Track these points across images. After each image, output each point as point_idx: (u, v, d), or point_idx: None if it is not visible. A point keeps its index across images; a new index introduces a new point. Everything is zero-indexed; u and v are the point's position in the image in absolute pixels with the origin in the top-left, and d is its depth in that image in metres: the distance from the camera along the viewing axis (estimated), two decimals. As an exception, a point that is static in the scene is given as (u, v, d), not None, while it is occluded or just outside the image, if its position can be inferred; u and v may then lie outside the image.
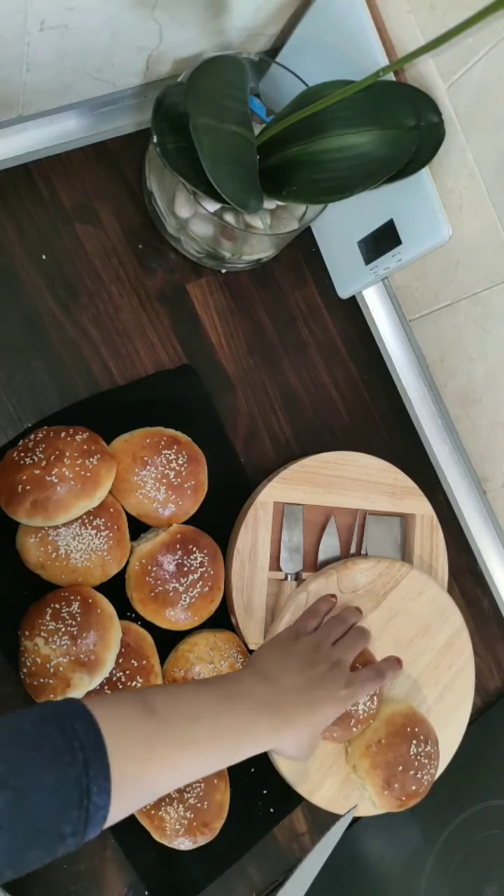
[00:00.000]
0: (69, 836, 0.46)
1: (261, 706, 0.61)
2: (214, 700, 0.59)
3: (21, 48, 0.65)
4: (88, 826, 0.47)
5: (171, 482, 0.73)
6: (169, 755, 0.53)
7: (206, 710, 0.57)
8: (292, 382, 0.87)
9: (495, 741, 0.90)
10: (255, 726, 0.60)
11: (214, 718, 0.57)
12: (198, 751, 0.55)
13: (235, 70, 0.70)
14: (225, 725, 0.58)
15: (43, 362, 0.76)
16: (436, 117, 0.70)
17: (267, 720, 0.61)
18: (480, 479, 0.93)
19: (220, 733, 0.57)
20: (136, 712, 0.53)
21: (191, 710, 0.56)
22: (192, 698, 0.58)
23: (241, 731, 0.59)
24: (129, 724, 0.52)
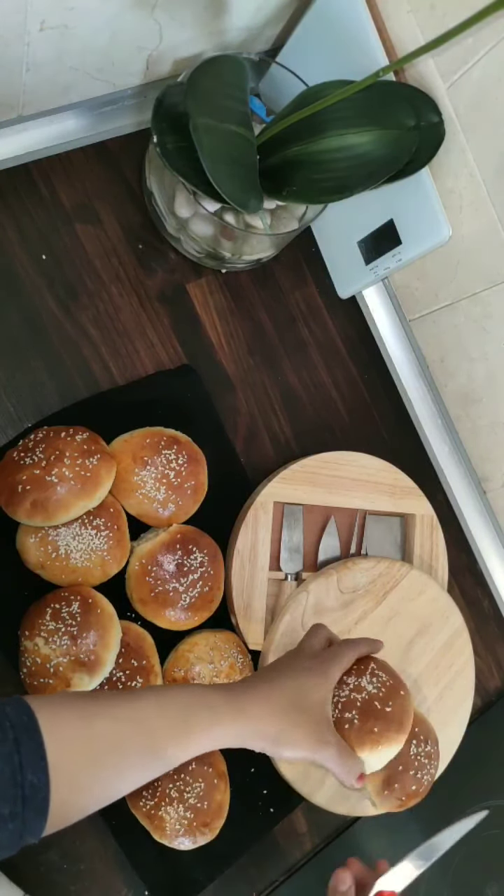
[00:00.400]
0: (9, 820, 0.44)
1: (219, 693, 0.58)
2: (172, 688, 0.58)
3: (21, 48, 0.65)
4: (27, 807, 0.45)
5: (171, 482, 0.73)
6: (114, 727, 0.51)
7: (156, 690, 0.57)
8: (292, 382, 0.87)
9: (495, 741, 0.90)
10: (214, 708, 0.56)
11: (161, 695, 0.55)
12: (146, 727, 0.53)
13: (235, 70, 0.70)
14: (173, 700, 0.55)
15: (43, 362, 0.76)
16: (436, 117, 0.70)
17: (225, 700, 0.57)
18: (480, 479, 0.93)
19: (167, 713, 0.54)
20: (76, 698, 0.52)
21: (126, 703, 0.54)
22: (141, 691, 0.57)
23: (193, 711, 0.55)
24: (65, 706, 0.50)
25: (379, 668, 0.70)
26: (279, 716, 0.59)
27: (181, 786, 0.70)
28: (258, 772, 0.77)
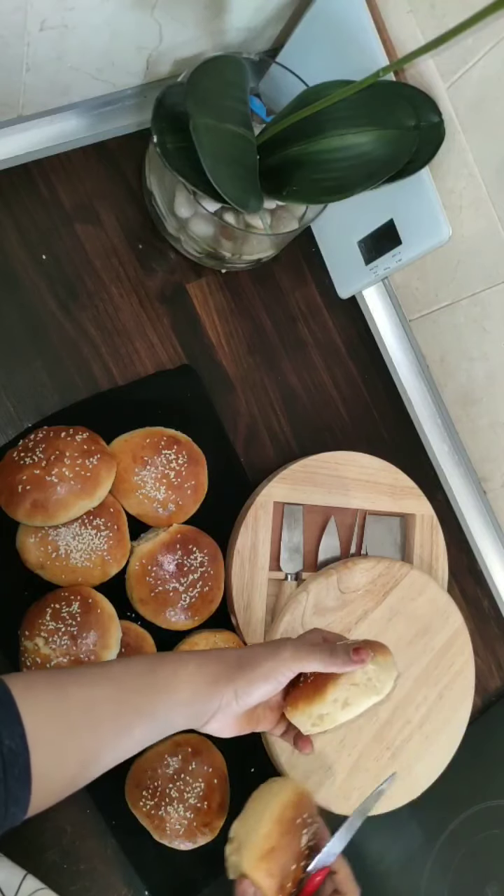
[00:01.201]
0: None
1: (184, 660, 0.57)
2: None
3: (21, 48, 0.65)
4: (7, 773, 0.44)
5: (171, 482, 0.73)
6: (85, 690, 0.51)
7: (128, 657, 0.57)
8: (292, 382, 0.87)
9: (495, 741, 0.90)
10: (179, 657, 0.56)
11: (126, 664, 0.55)
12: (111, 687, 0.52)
13: (235, 70, 0.70)
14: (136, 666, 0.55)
15: (43, 362, 0.76)
16: (436, 117, 0.70)
17: (186, 668, 0.56)
18: (480, 479, 0.93)
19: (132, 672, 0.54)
20: (49, 671, 0.53)
21: (95, 667, 0.55)
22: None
23: (159, 662, 0.55)
24: (38, 678, 0.51)
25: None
26: (241, 650, 0.59)
27: (181, 786, 0.70)
28: (258, 772, 0.77)
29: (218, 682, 0.56)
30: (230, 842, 0.66)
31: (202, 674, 0.56)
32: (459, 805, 0.87)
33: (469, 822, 0.87)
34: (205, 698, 0.56)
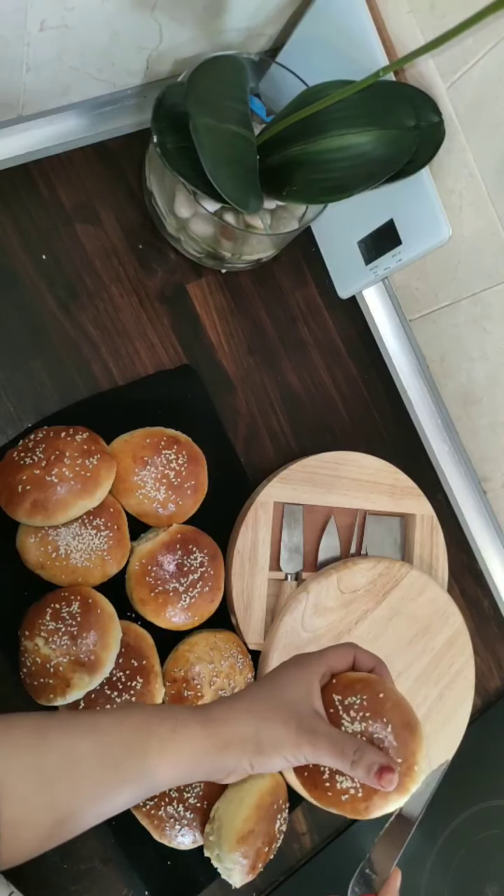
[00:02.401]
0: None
1: (184, 707, 0.52)
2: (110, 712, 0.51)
3: (21, 48, 0.65)
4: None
5: (171, 482, 0.73)
6: (67, 740, 0.47)
7: (120, 706, 0.51)
8: (292, 382, 0.87)
9: (495, 741, 0.90)
10: (177, 718, 0.50)
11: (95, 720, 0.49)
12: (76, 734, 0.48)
13: (235, 70, 0.70)
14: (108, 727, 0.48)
15: (43, 362, 0.76)
16: (436, 117, 0.70)
17: (191, 711, 0.50)
18: (480, 479, 0.93)
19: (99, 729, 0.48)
20: (34, 714, 0.49)
21: (83, 716, 0.50)
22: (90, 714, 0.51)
23: (154, 722, 0.49)
24: (21, 719, 0.47)
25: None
26: (252, 713, 0.52)
27: (181, 785, 0.70)
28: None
29: (228, 748, 0.50)
30: (210, 822, 0.69)
31: (207, 738, 0.50)
32: (459, 805, 0.87)
33: (469, 822, 0.87)
34: (209, 766, 0.50)
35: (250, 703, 0.53)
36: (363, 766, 0.51)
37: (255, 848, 0.69)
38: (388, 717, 0.55)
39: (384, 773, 0.51)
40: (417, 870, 0.84)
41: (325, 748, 0.51)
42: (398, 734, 0.55)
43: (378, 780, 0.51)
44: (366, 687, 0.57)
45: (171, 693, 0.72)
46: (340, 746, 0.52)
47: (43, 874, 0.69)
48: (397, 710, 0.56)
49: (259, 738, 0.51)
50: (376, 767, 0.51)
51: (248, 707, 0.52)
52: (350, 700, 0.56)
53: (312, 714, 0.53)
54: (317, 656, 0.58)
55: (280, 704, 0.53)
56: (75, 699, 0.67)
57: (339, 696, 0.57)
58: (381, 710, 0.56)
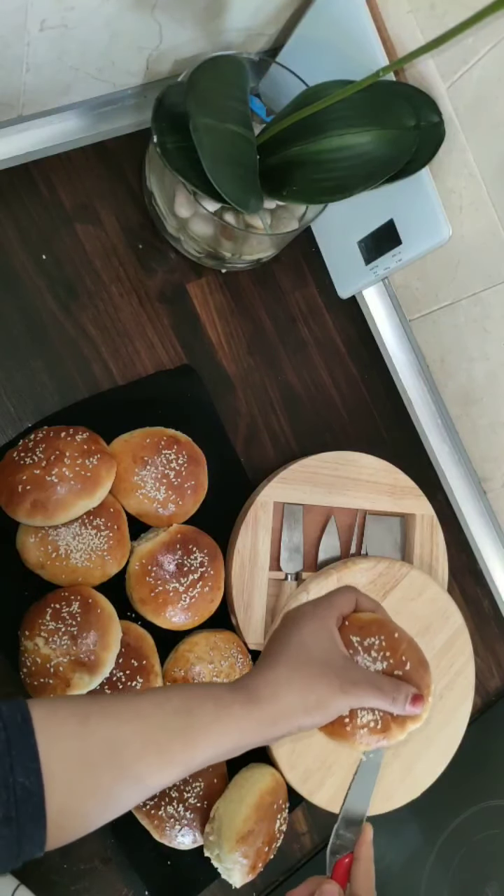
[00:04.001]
0: (2, 824, 0.42)
1: (223, 685, 0.52)
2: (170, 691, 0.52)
3: (21, 48, 0.65)
4: (20, 810, 0.42)
5: (171, 482, 0.73)
6: (110, 725, 0.47)
7: (159, 688, 0.52)
8: (292, 382, 0.87)
9: (495, 741, 0.90)
10: (219, 698, 0.51)
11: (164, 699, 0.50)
12: (154, 726, 0.48)
13: (235, 70, 0.70)
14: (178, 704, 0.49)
15: (43, 362, 0.76)
16: (436, 117, 0.70)
17: (230, 689, 0.51)
18: (480, 479, 0.93)
19: (174, 710, 0.49)
20: (76, 698, 0.49)
21: (124, 700, 0.50)
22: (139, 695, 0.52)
23: (196, 703, 0.50)
24: (63, 706, 0.47)
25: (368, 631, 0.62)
26: (293, 681, 0.53)
27: (181, 785, 0.70)
28: (258, 772, 0.77)
29: (276, 723, 0.52)
30: (211, 821, 0.70)
31: (252, 719, 0.51)
32: (459, 805, 0.87)
33: (469, 822, 0.87)
34: (255, 742, 0.51)
35: (288, 672, 0.54)
36: (402, 699, 0.57)
37: (255, 848, 0.69)
38: (406, 656, 0.61)
39: (416, 701, 0.58)
40: (417, 870, 0.84)
41: (370, 694, 0.55)
42: (415, 671, 0.60)
43: (413, 707, 0.57)
44: (381, 628, 0.61)
45: (171, 693, 0.72)
46: (381, 688, 0.56)
47: (43, 874, 0.69)
48: (412, 649, 0.62)
49: (306, 704, 0.53)
50: (411, 697, 0.58)
51: (287, 676, 0.53)
52: (369, 641, 0.60)
53: (345, 663, 0.56)
54: (326, 604, 0.60)
55: (316, 665, 0.54)
56: (75, 699, 0.67)
57: (356, 637, 0.60)
58: (398, 649, 0.61)
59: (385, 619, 0.63)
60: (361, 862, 0.58)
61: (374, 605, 0.64)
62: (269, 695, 0.52)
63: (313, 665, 0.54)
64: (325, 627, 0.57)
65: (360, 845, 0.59)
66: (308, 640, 0.56)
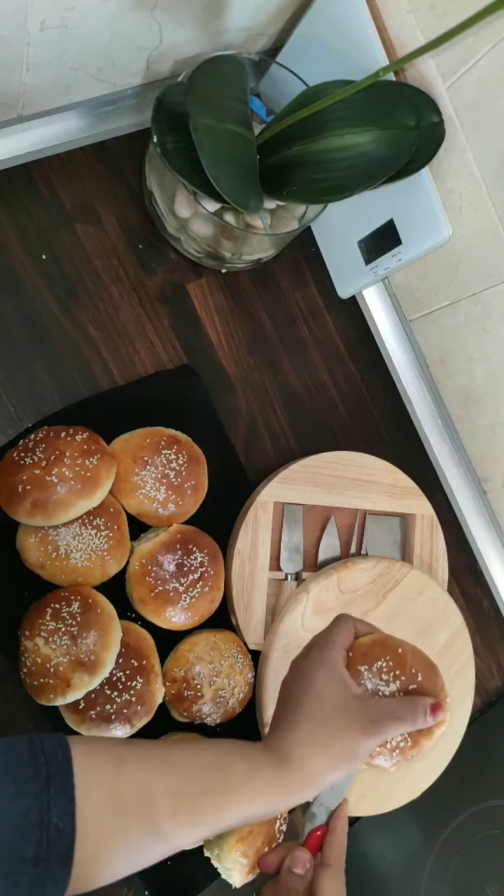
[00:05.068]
0: (31, 864, 0.41)
1: (254, 744, 0.52)
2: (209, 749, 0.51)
3: (21, 48, 0.64)
4: (51, 852, 0.42)
5: (171, 482, 0.73)
6: (143, 775, 0.47)
7: (191, 740, 0.53)
8: (292, 382, 0.87)
9: (495, 741, 0.90)
10: (251, 758, 0.51)
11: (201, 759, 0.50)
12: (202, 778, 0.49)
13: (235, 70, 0.70)
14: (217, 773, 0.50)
15: (43, 362, 0.76)
16: (436, 117, 0.70)
17: (262, 750, 0.52)
18: (480, 479, 0.93)
19: (210, 777, 0.49)
20: (112, 741, 0.49)
21: (158, 750, 0.50)
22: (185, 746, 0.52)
23: (229, 760, 0.51)
24: (101, 749, 0.47)
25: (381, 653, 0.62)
26: (318, 740, 0.53)
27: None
28: (258, 772, 0.77)
29: (309, 786, 0.52)
30: None
31: (283, 784, 0.51)
32: (459, 805, 0.87)
33: (469, 822, 0.87)
34: (285, 806, 0.51)
35: (311, 731, 0.54)
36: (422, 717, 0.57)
37: (255, 848, 0.69)
38: (415, 668, 0.61)
39: (436, 710, 0.57)
40: (417, 870, 0.84)
41: (391, 726, 0.55)
42: (427, 679, 0.61)
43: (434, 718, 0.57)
44: (384, 648, 0.61)
45: (171, 693, 0.72)
46: (400, 716, 0.56)
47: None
48: (418, 658, 0.62)
49: (334, 760, 0.53)
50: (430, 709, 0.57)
51: (312, 736, 0.53)
52: (377, 665, 0.60)
53: (362, 704, 0.56)
54: (329, 644, 0.59)
55: (335, 716, 0.54)
56: (75, 699, 0.67)
57: (363, 665, 0.60)
58: (406, 663, 0.61)
59: (385, 637, 0.62)
60: (336, 833, 0.58)
61: (371, 627, 0.63)
62: (297, 757, 0.52)
63: (333, 718, 0.54)
64: (335, 671, 0.57)
65: (336, 818, 0.59)
66: (323, 691, 0.55)
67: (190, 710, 0.72)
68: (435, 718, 0.57)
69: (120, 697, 0.68)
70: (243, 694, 0.75)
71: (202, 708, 0.72)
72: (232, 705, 0.74)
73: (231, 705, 0.74)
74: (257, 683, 0.77)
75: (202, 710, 0.73)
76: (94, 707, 0.68)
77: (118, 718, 0.68)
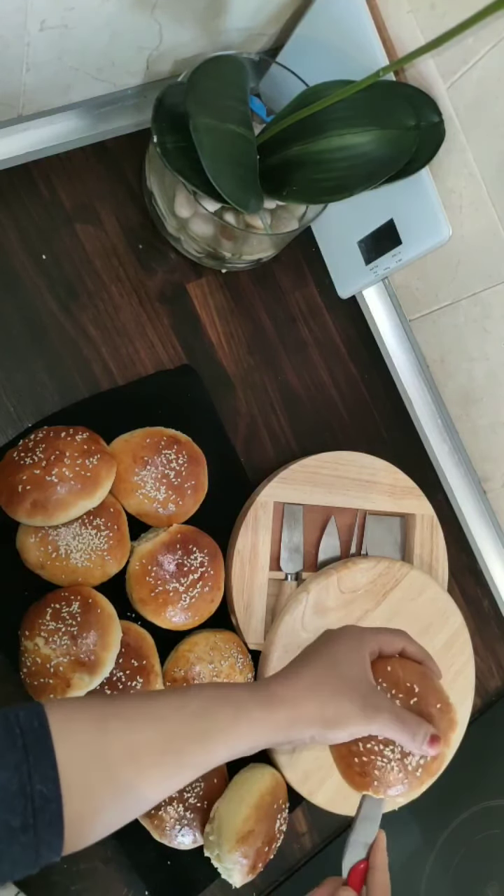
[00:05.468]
0: (20, 832, 0.42)
1: (243, 686, 0.53)
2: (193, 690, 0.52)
3: (21, 48, 0.65)
4: (38, 818, 0.42)
5: (171, 482, 0.73)
6: (128, 729, 0.48)
7: (176, 690, 0.52)
8: (292, 382, 0.87)
9: (495, 741, 0.90)
10: (238, 701, 0.51)
11: (181, 702, 0.50)
12: (168, 732, 0.49)
13: (235, 70, 0.70)
14: (199, 708, 0.50)
15: (43, 362, 0.76)
16: (436, 117, 0.70)
17: (250, 692, 0.52)
18: (480, 479, 0.93)
19: (190, 713, 0.49)
20: (92, 701, 0.49)
21: (142, 703, 0.50)
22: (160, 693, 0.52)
23: (215, 706, 0.50)
24: (79, 709, 0.47)
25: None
26: (317, 691, 0.53)
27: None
28: (258, 772, 0.77)
29: (294, 726, 0.52)
30: (211, 821, 0.70)
31: (270, 721, 0.51)
32: (459, 805, 0.87)
33: (469, 822, 0.87)
34: (270, 743, 0.52)
35: (313, 681, 0.54)
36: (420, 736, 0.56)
37: (255, 848, 0.69)
38: (431, 700, 0.60)
39: (434, 743, 0.56)
40: (417, 870, 0.84)
41: (391, 724, 0.55)
42: (439, 714, 0.60)
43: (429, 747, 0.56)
44: (409, 673, 0.61)
45: (171, 693, 0.72)
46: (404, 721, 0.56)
47: (43, 874, 0.69)
48: (437, 691, 0.61)
49: (325, 716, 0.53)
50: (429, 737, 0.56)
51: (311, 685, 0.53)
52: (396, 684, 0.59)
53: (373, 690, 0.56)
54: (371, 633, 0.59)
55: (342, 681, 0.54)
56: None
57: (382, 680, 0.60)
58: (426, 696, 0.60)
59: (420, 669, 0.62)
60: (377, 872, 0.58)
61: (423, 656, 0.63)
62: (289, 698, 0.52)
63: (339, 681, 0.54)
64: (359, 655, 0.57)
65: (376, 853, 0.59)
66: (340, 657, 0.56)
67: (190, 710, 0.72)
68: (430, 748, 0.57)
69: (120, 697, 0.68)
70: (243, 694, 0.75)
71: (202, 708, 0.72)
72: (232, 705, 0.74)
73: (231, 705, 0.74)
74: (257, 683, 0.77)
75: (202, 710, 0.73)
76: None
77: (118, 718, 0.68)
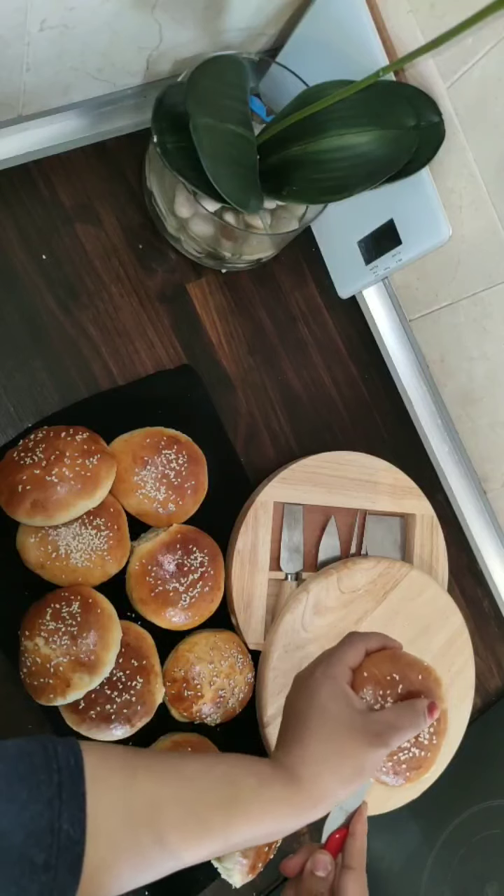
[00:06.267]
0: (42, 871, 0.41)
1: (263, 761, 0.52)
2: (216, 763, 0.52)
3: (21, 48, 0.65)
4: (60, 858, 0.42)
5: (171, 482, 0.73)
6: (155, 785, 0.47)
7: (202, 755, 0.52)
8: (292, 382, 0.87)
9: (495, 741, 0.90)
10: (260, 774, 0.51)
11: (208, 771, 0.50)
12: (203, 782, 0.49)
13: (235, 70, 0.70)
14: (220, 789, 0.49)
15: (43, 362, 0.76)
16: (436, 117, 0.70)
17: (271, 767, 0.52)
18: (480, 479, 0.93)
19: (216, 793, 0.49)
20: (123, 750, 0.49)
21: (170, 761, 0.51)
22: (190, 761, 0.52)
23: (238, 776, 0.50)
24: (112, 755, 0.47)
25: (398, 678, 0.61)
26: (329, 759, 0.53)
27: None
28: (258, 772, 0.77)
29: (318, 805, 0.51)
30: None
31: (293, 804, 0.51)
32: (459, 805, 0.87)
33: (469, 822, 0.87)
34: (295, 826, 0.51)
35: (319, 747, 0.54)
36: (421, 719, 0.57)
37: (256, 848, 0.69)
38: (410, 670, 0.60)
39: (433, 710, 0.58)
40: (417, 870, 0.84)
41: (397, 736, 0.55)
42: (421, 680, 0.60)
43: (432, 717, 0.57)
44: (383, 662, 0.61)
45: (171, 693, 0.72)
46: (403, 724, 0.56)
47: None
48: (409, 660, 0.61)
49: (343, 778, 0.53)
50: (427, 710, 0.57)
51: (320, 753, 0.53)
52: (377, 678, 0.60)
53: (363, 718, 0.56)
54: (336, 661, 0.59)
55: (342, 731, 0.54)
56: (75, 699, 0.67)
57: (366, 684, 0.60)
58: (401, 667, 0.60)
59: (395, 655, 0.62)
60: (356, 837, 0.58)
61: (383, 641, 0.63)
62: (307, 775, 0.52)
63: (339, 733, 0.54)
64: (338, 687, 0.57)
65: (356, 821, 0.59)
66: (327, 706, 0.55)
67: (190, 711, 0.72)
68: (432, 717, 0.58)
69: (120, 697, 0.68)
70: (243, 694, 0.75)
71: (202, 708, 0.72)
72: (232, 705, 0.74)
73: (231, 705, 0.74)
74: (257, 683, 0.77)
75: (202, 710, 0.73)
76: (94, 707, 0.68)
77: (118, 718, 0.68)
